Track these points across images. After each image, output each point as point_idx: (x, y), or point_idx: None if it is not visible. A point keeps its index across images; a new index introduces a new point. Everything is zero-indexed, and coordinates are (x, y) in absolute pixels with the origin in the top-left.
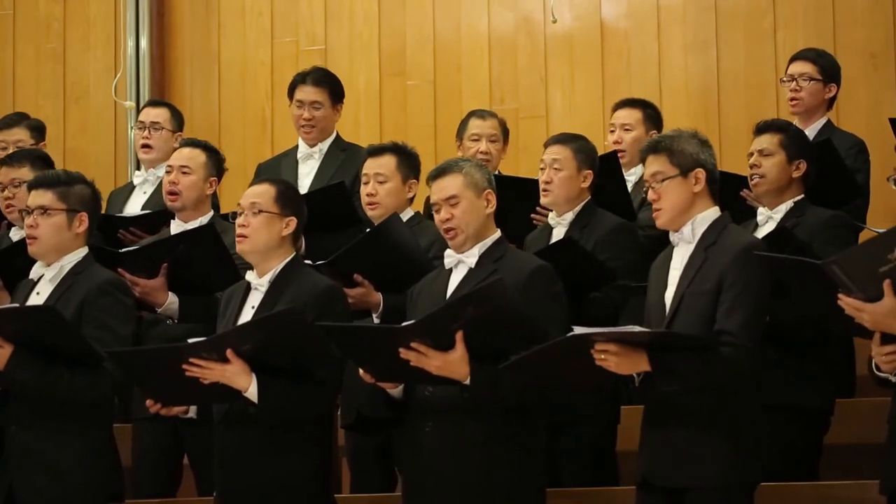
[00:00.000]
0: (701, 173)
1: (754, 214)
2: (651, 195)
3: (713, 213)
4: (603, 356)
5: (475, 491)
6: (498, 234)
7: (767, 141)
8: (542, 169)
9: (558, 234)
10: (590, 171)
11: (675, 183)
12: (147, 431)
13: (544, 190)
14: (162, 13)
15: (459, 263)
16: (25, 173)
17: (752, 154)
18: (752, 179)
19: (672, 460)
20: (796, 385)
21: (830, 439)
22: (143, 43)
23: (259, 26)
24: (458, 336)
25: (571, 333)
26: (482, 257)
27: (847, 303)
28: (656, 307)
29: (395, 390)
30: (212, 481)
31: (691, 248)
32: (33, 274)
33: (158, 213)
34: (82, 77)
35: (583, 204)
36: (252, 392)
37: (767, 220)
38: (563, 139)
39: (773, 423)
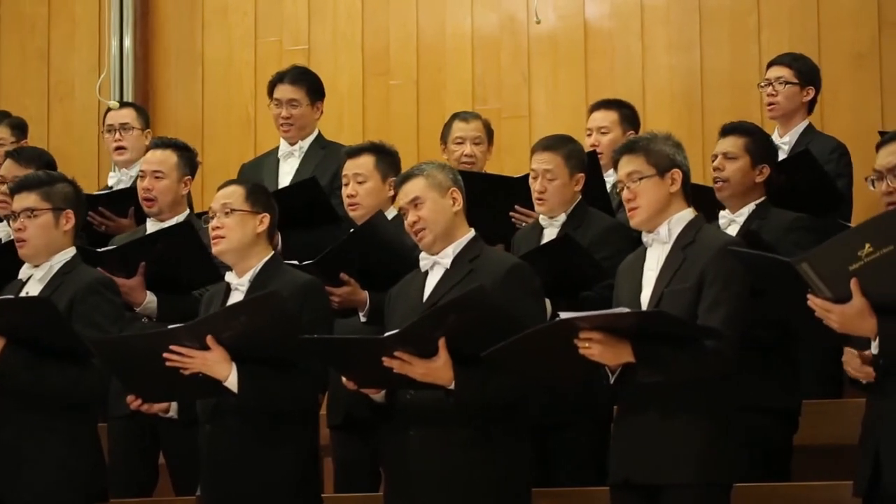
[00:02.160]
0: (677, 174)
1: (716, 217)
2: (626, 194)
3: (688, 213)
4: (587, 344)
5: (459, 492)
6: (472, 233)
7: (732, 144)
8: (533, 178)
9: (550, 234)
10: (581, 175)
11: (652, 182)
12: (123, 430)
13: (539, 199)
14: (146, 13)
15: (435, 265)
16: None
17: (716, 156)
18: (715, 183)
19: (649, 458)
20: (765, 385)
21: (817, 440)
22: (127, 42)
23: (243, 26)
24: (441, 342)
25: (556, 319)
26: (457, 258)
27: (816, 304)
28: (633, 308)
29: (378, 395)
30: (189, 480)
31: (667, 248)
32: (22, 274)
33: (124, 192)
34: (67, 76)
35: (575, 204)
36: (232, 381)
37: (730, 223)
38: (552, 145)
39: (746, 422)
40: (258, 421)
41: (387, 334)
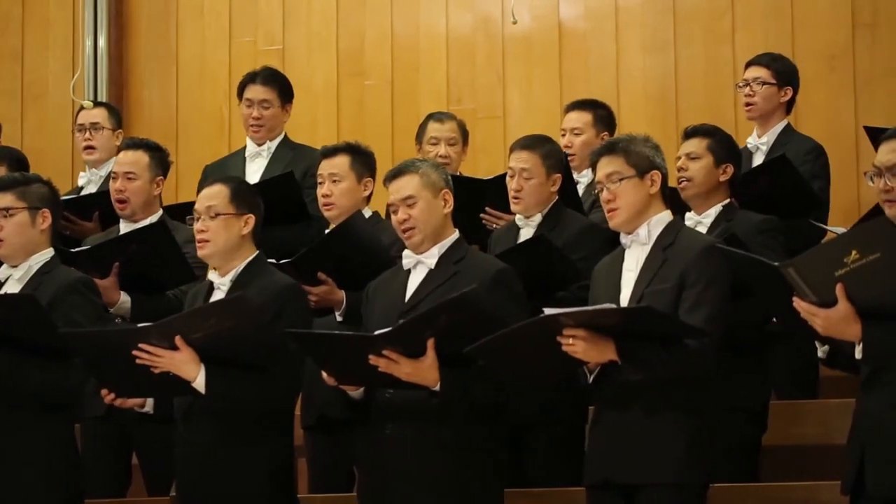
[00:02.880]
0: (657, 175)
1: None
2: (606, 195)
3: (667, 215)
4: (570, 342)
5: (432, 492)
6: (456, 234)
7: (695, 145)
8: (510, 177)
9: (526, 234)
10: (559, 175)
11: (633, 183)
12: (96, 431)
13: (515, 198)
14: (120, 13)
15: (418, 264)
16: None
17: (679, 158)
18: (679, 183)
19: (627, 458)
20: (735, 385)
21: (790, 440)
22: (102, 42)
23: (217, 26)
24: (430, 343)
25: (541, 315)
26: (442, 258)
27: (801, 307)
28: None
29: (356, 392)
30: (162, 481)
31: (647, 249)
32: (0, 275)
33: (89, 197)
34: (40, 76)
35: (551, 205)
36: (199, 382)
37: (697, 224)
38: (530, 144)
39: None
40: (232, 422)
41: (378, 332)
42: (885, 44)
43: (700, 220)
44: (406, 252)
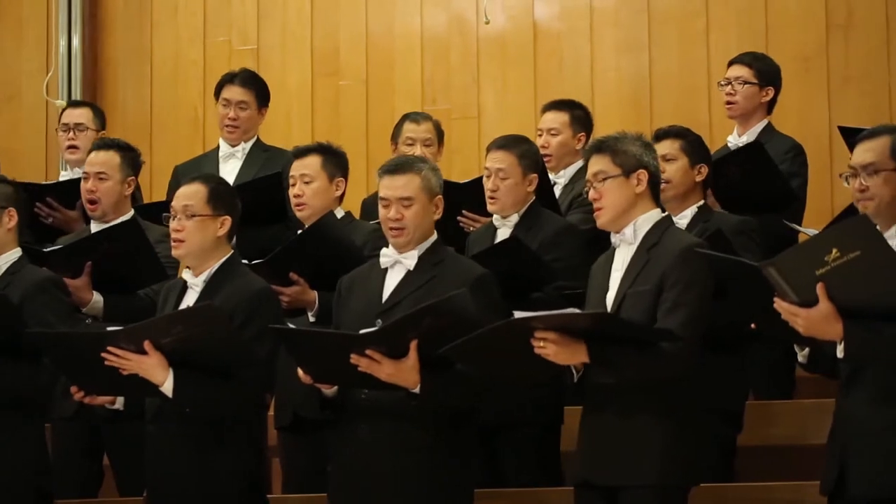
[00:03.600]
0: (643, 174)
1: None
2: (592, 194)
3: (655, 214)
4: (542, 344)
5: (405, 493)
6: (435, 235)
7: (669, 146)
8: (487, 176)
9: (503, 234)
10: (535, 175)
11: (617, 183)
12: (67, 431)
13: (491, 198)
14: (94, 12)
15: (396, 264)
16: None
17: None
18: None
19: (609, 459)
20: (711, 386)
21: (767, 440)
22: (76, 42)
23: (191, 25)
24: (413, 345)
25: (511, 318)
26: (421, 260)
27: (782, 307)
28: (597, 308)
29: (331, 391)
30: (133, 481)
31: (633, 249)
32: None
33: (72, 182)
34: (14, 76)
35: (528, 205)
36: (167, 387)
37: None
38: (507, 144)
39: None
40: (202, 424)
41: (363, 332)
42: (858, 45)
43: (675, 221)
44: (384, 251)
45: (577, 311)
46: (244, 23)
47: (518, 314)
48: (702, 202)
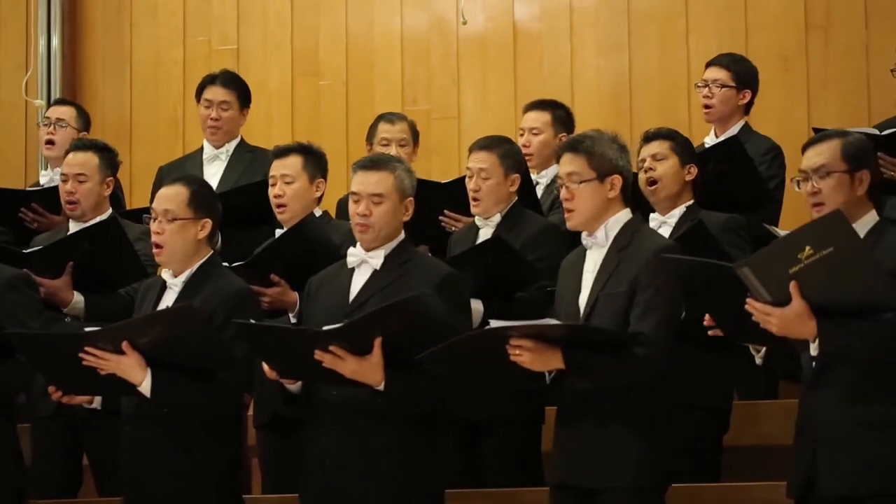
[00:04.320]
0: (618, 179)
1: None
2: (564, 193)
3: (625, 215)
4: (517, 352)
5: (374, 494)
6: (402, 235)
7: (658, 146)
8: (469, 177)
9: (485, 234)
10: (517, 175)
11: (592, 187)
12: (46, 430)
13: (474, 199)
14: (74, 11)
15: (363, 263)
16: None
17: (643, 160)
18: (649, 185)
19: (585, 461)
20: (698, 384)
21: (751, 440)
22: (55, 41)
23: (171, 25)
24: (377, 342)
25: (487, 327)
26: (387, 260)
27: (755, 307)
28: (569, 308)
29: (294, 386)
30: (112, 481)
31: (604, 251)
32: None
33: (57, 188)
34: None
35: (510, 205)
36: (145, 387)
37: (661, 225)
38: (489, 145)
39: (675, 421)
40: (179, 424)
41: (326, 328)
42: (837, 46)
43: (664, 221)
44: (352, 250)
45: (552, 321)
46: (224, 23)
47: (494, 323)
48: (691, 202)
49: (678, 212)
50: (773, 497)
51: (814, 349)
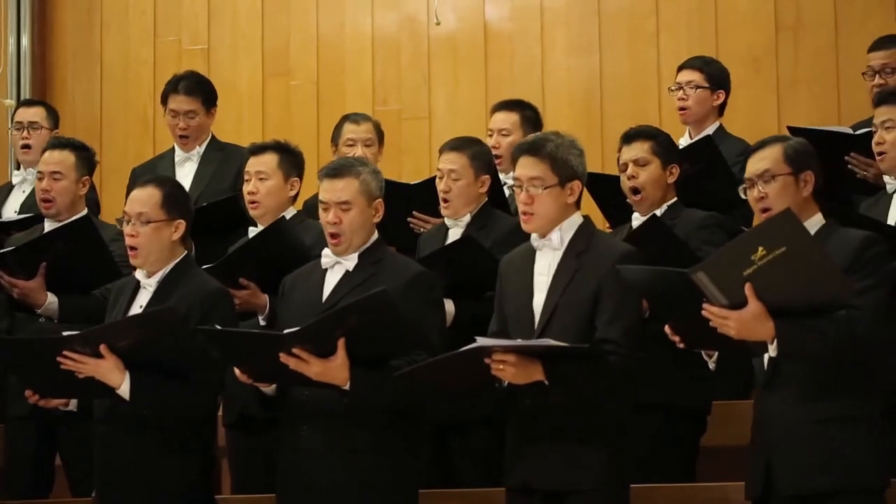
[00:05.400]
0: (577, 185)
1: (629, 218)
2: (524, 197)
3: (578, 218)
4: (501, 366)
5: (347, 495)
6: (375, 235)
7: (639, 149)
8: (439, 178)
9: (455, 234)
10: (487, 176)
11: (554, 193)
12: (19, 431)
13: (444, 200)
14: (44, 11)
15: (336, 264)
16: None
17: (625, 165)
18: (633, 194)
19: (551, 464)
20: (675, 385)
21: (726, 441)
22: (25, 41)
23: (141, 25)
24: (340, 343)
25: (475, 345)
26: (361, 260)
27: (712, 312)
28: (523, 313)
29: (269, 389)
30: (85, 482)
31: (559, 254)
32: None
33: (35, 218)
34: None
35: (480, 206)
36: (124, 390)
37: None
38: (458, 146)
39: (651, 423)
40: (152, 425)
41: (286, 331)
42: (807, 46)
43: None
44: (325, 251)
45: (543, 341)
46: (194, 23)
47: (480, 341)
48: (673, 200)
49: (659, 211)
50: (741, 497)
51: (772, 350)
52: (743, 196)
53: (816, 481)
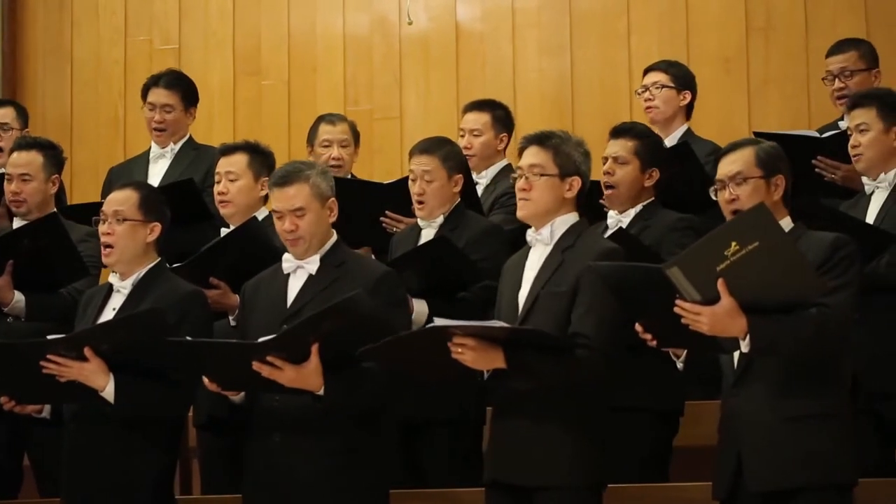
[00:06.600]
0: (577, 181)
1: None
2: (522, 184)
3: (572, 217)
4: (460, 350)
5: (320, 495)
6: (335, 237)
7: (622, 147)
8: (412, 180)
9: (428, 234)
10: (460, 175)
11: (552, 182)
12: None
13: (419, 202)
14: (14, 9)
15: (298, 269)
16: None
17: (606, 159)
18: (606, 189)
19: (522, 460)
20: (647, 387)
21: (698, 441)
22: None
23: (112, 24)
24: (314, 349)
25: (431, 325)
26: (322, 263)
27: (685, 308)
28: (509, 305)
29: (237, 396)
30: (54, 482)
31: (548, 249)
32: None
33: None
34: None
35: (453, 206)
36: (108, 392)
37: (617, 223)
38: (430, 147)
39: (624, 424)
40: (120, 424)
41: (261, 340)
42: (778, 48)
43: (620, 219)
44: (286, 256)
45: (497, 322)
46: (165, 22)
47: (438, 321)
48: (649, 200)
49: (634, 211)
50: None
51: (744, 346)
52: (713, 197)
53: (787, 478)
